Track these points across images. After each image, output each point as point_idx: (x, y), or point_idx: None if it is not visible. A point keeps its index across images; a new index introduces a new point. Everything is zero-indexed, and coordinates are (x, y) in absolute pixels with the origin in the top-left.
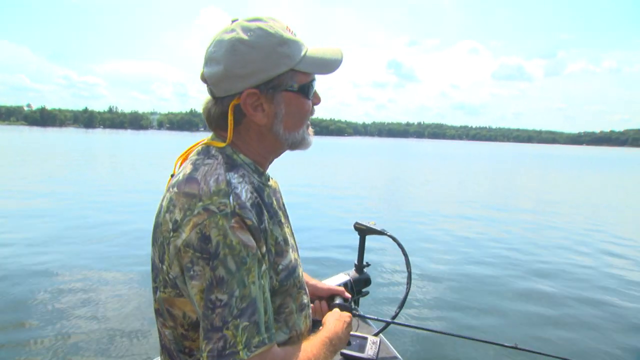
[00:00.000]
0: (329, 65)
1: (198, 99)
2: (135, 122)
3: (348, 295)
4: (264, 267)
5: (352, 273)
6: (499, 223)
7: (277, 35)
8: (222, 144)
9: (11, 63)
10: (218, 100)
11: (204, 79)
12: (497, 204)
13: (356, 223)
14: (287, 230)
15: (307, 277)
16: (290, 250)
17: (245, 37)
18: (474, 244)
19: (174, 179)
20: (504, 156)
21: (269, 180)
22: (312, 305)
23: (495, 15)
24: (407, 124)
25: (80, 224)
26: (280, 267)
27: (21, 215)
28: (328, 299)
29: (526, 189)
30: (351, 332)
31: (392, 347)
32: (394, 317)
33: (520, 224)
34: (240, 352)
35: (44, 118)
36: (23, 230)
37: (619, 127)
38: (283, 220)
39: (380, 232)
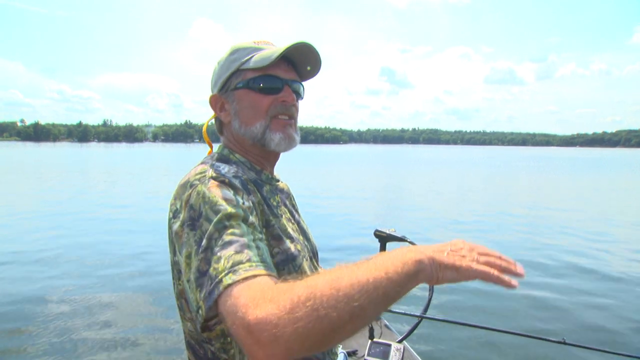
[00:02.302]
0: (267, 58)
1: (193, 110)
2: (130, 135)
3: None
4: (251, 219)
5: None
6: (512, 221)
7: (234, 47)
8: (220, 145)
9: (3, 79)
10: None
11: None
12: (505, 204)
13: (376, 230)
14: (287, 224)
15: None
16: (290, 241)
17: (219, 58)
18: (496, 242)
19: None
20: (501, 159)
21: (277, 181)
22: None
23: (485, 20)
24: (402, 130)
25: (77, 240)
26: (276, 250)
27: (17, 231)
28: None
29: (533, 191)
30: (375, 340)
31: (415, 354)
32: (417, 324)
33: (534, 224)
34: (224, 279)
35: (38, 133)
36: (24, 245)
37: (611, 128)
38: (287, 215)
39: (401, 239)
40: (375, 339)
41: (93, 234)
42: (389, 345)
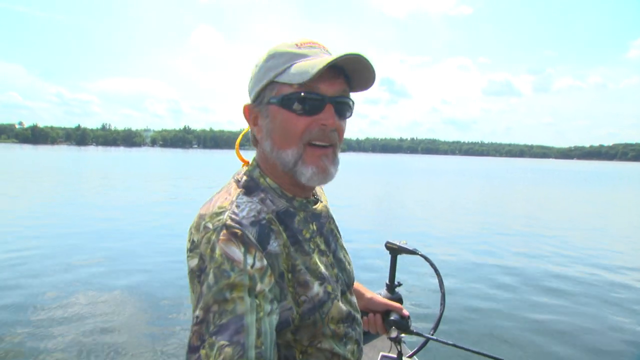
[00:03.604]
0: (306, 72)
1: (191, 115)
2: (129, 139)
3: (406, 312)
4: (259, 286)
5: (384, 292)
6: (521, 236)
7: (272, 51)
8: (252, 163)
9: (3, 81)
10: None
11: None
12: (511, 218)
13: (387, 242)
14: (319, 260)
15: (362, 290)
16: (319, 282)
17: (256, 60)
18: (494, 255)
19: None
20: (501, 171)
21: (315, 203)
22: (365, 318)
23: (483, 32)
24: (400, 140)
25: (75, 242)
26: (303, 298)
27: (9, 233)
28: (384, 313)
29: (532, 205)
30: (384, 354)
31: None
32: (428, 338)
33: (545, 240)
34: None
35: (36, 136)
36: (19, 248)
37: (607, 141)
38: (321, 247)
39: (412, 252)
40: (384, 353)
41: (86, 237)
42: None
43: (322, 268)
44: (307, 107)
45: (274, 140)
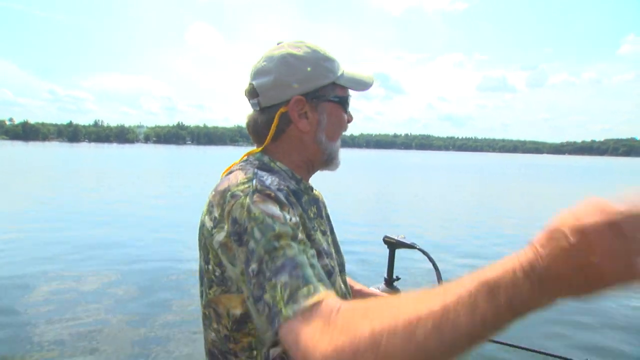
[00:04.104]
0: (363, 83)
1: (185, 112)
2: (122, 135)
3: None
4: (300, 235)
5: (382, 287)
6: (515, 228)
7: (322, 52)
8: (259, 152)
9: None
10: (265, 110)
11: (251, 91)
12: (505, 212)
13: (385, 236)
14: (323, 238)
15: (351, 282)
16: (326, 256)
17: (295, 51)
18: (497, 251)
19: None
20: (496, 166)
21: (312, 190)
22: None
23: (479, 28)
24: (395, 135)
25: (65, 239)
26: None
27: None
28: None
29: (533, 199)
30: None
31: None
32: None
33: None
34: (284, 310)
35: (27, 132)
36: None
37: (600, 137)
38: (322, 227)
39: (410, 246)
40: None
41: (74, 233)
42: None
43: (325, 245)
44: (348, 107)
45: (327, 133)
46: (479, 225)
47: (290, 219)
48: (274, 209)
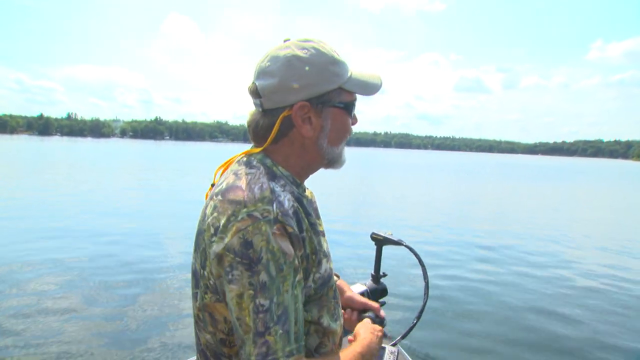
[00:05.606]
0: (371, 87)
1: (163, 106)
2: (97, 129)
3: (383, 314)
4: (298, 276)
5: (369, 283)
6: (504, 231)
7: (329, 55)
8: (260, 153)
9: None
10: (268, 112)
11: (254, 91)
12: (483, 211)
13: (373, 233)
14: (324, 239)
15: (344, 287)
16: (326, 259)
17: (300, 53)
18: (482, 250)
19: (217, 188)
20: (474, 165)
21: (305, 191)
22: (343, 312)
23: (455, 28)
24: (374, 134)
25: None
26: (317, 275)
27: None
28: (361, 311)
29: (508, 198)
30: None
31: (409, 358)
32: (412, 327)
33: (513, 231)
34: (280, 359)
35: None
36: None
37: (569, 138)
38: (322, 229)
39: (397, 243)
40: None
41: (45, 232)
42: (383, 348)
43: (325, 247)
44: (353, 112)
45: (331, 138)
46: (463, 222)
47: (297, 256)
48: (288, 247)
